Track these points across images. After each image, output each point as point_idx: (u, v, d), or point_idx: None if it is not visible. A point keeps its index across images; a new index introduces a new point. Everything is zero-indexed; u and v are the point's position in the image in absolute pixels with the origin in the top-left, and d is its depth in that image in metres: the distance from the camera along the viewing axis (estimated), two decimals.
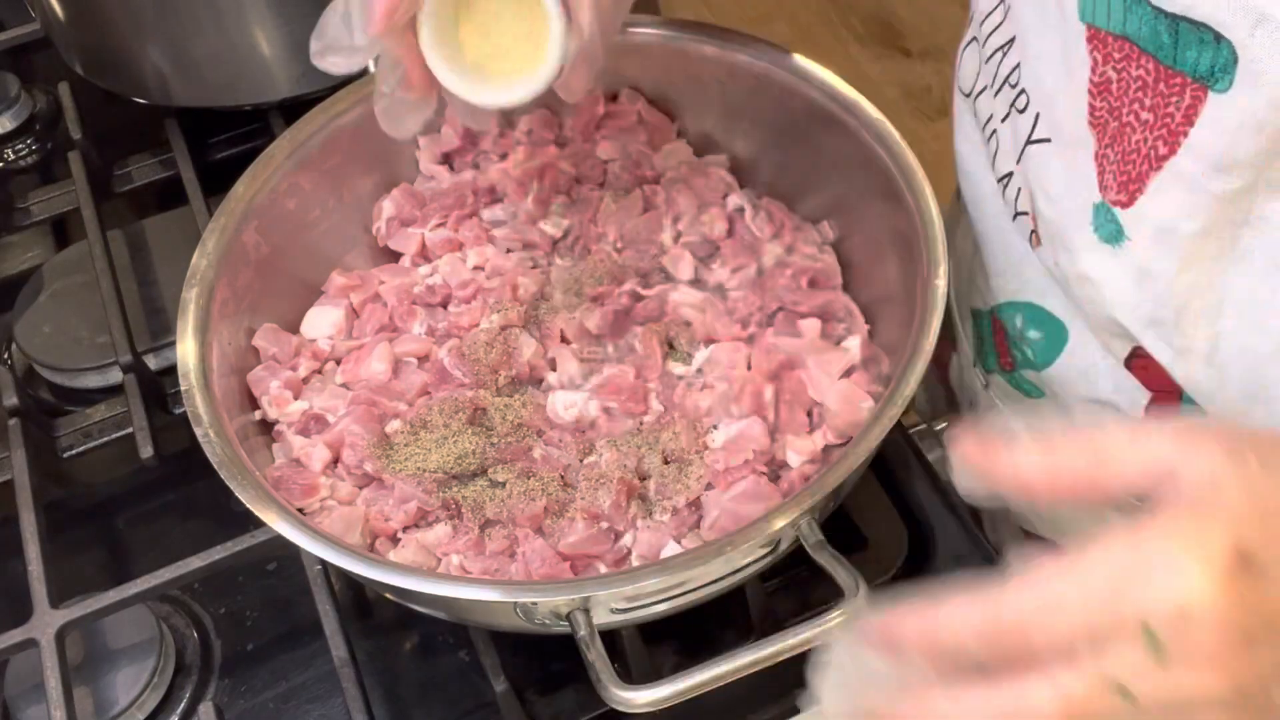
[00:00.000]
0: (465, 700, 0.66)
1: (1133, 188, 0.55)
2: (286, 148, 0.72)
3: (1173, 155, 0.53)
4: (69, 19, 0.91)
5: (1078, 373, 0.65)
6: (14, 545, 0.70)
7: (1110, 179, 0.56)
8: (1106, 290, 0.59)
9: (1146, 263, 0.56)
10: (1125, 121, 0.54)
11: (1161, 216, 0.54)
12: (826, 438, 0.64)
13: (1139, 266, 0.57)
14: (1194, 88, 0.50)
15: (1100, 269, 0.59)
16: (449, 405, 0.66)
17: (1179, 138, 0.52)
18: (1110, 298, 0.59)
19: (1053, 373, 0.67)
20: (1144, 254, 0.56)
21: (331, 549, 0.57)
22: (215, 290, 0.67)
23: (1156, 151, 0.53)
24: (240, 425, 0.65)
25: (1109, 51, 0.54)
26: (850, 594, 0.53)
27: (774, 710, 0.64)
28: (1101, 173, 0.57)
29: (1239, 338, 0.56)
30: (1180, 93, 0.51)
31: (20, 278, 0.88)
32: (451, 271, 0.73)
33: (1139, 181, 0.55)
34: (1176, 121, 0.52)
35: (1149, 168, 0.54)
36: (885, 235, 0.68)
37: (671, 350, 0.69)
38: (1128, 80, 0.53)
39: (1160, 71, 0.51)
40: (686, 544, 0.61)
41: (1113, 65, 0.54)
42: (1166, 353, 0.59)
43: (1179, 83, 0.51)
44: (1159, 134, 0.53)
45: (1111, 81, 0.54)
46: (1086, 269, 0.59)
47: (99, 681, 0.67)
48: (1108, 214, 0.57)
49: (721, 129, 0.78)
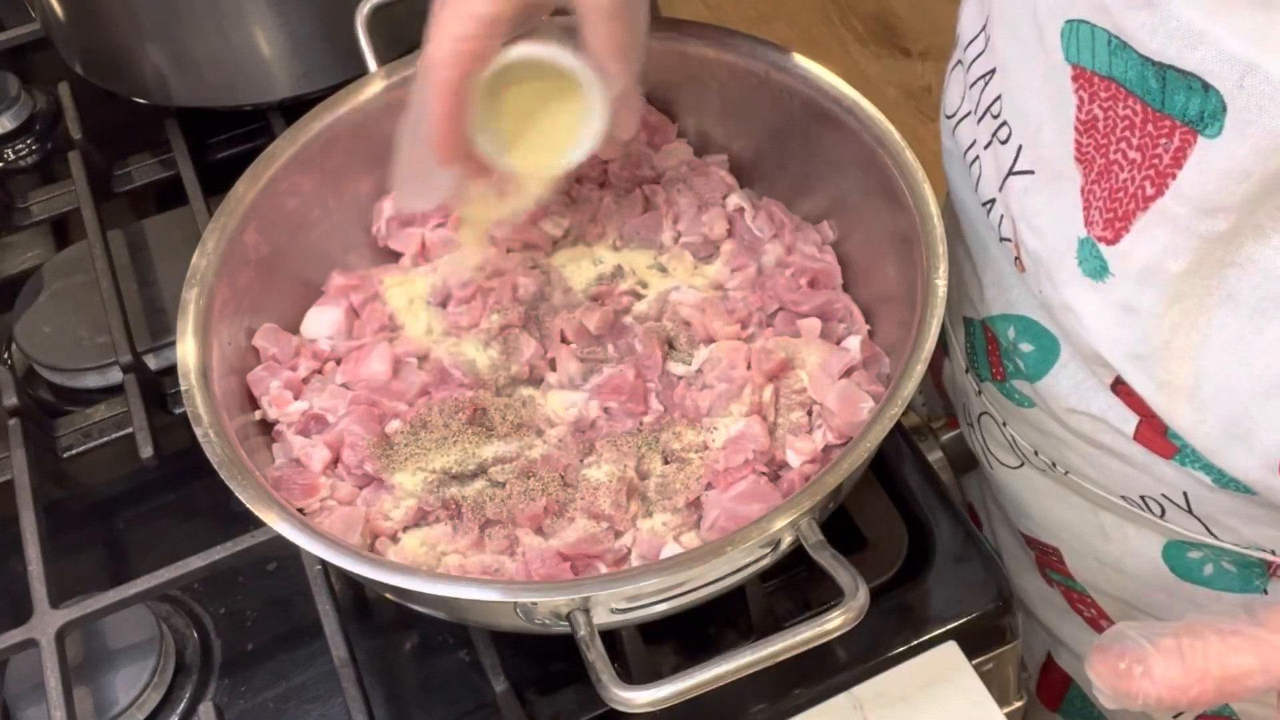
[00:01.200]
0: (465, 700, 0.66)
1: (1119, 225, 0.55)
2: (286, 148, 0.72)
3: (1160, 196, 0.52)
4: (69, 19, 0.91)
5: (1069, 388, 0.65)
6: (14, 545, 0.70)
7: (1096, 215, 0.56)
8: (1089, 322, 0.59)
9: (1130, 299, 0.56)
10: (1112, 159, 0.54)
11: (1147, 255, 0.54)
12: (826, 438, 0.64)
13: (1122, 303, 0.57)
14: (1183, 131, 0.50)
15: (1083, 302, 0.59)
16: (449, 405, 0.66)
17: (1167, 179, 0.51)
18: (1093, 330, 0.59)
19: (1044, 386, 0.67)
20: (1128, 290, 0.56)
21: (331, 549, 0.57)
22: (215, 290, 0.67)
23: (1144, 191, 0.53)
24: (240, 425, 0.65)
25: (1095, 90, 0.53)
26: (850, 594, 0.53)
27: (774, 710, 0.64)
28: (1088, 208, 0.56)
29: (1222, 376, 0.55)
30: (1169, 135, 0.50)
31: (20, 278, 0.88)
32: (451, 271, 0.73)
33: (1125, 220, 0.54)
34: (1165, 163, 0.51)
35: (1135, 207, 0.54)
36: (885, 235, 0.68)
37: (671, 350, 0.69)
38: (1114, 119, 0.53)
39: (1148, 113, 0.51)
40: (686, 544, 0.61)
41: (1099, 104, 0.54)
42: (1148, 386, 0.58)
43: (1168, 125, 0.50)
44: (1146, 174, 0.52)
45: (1098, 119, 0.54)
46: (1070, 300, 0.59)
47: (99, 681, 0.67)
48: (1092, 249, 0.57)
49: (721, 129, 0.78)
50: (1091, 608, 0.76)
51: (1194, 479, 0.61)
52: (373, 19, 0.77)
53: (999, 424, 0.74)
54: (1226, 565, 0.65)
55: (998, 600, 0.68)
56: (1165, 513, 0.65)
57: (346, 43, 0.78)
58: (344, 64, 0.85)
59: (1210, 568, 0.66)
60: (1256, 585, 0.65)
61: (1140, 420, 0.61)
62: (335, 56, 0.87)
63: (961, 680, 0.65)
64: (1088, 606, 0.76)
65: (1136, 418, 0.61)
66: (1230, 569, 0.65)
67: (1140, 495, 0.65)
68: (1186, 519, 0.64)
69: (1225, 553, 0.64)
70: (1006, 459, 0.76)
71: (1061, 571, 0.77)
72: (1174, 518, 0.65)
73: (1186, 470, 0.61)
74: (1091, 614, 0.77)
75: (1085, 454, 0.67)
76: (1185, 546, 0.66)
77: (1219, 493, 0.60)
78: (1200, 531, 0.64)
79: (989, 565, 0.69)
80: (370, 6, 0.77)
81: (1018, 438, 0.73)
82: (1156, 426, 0.60)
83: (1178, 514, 0.64)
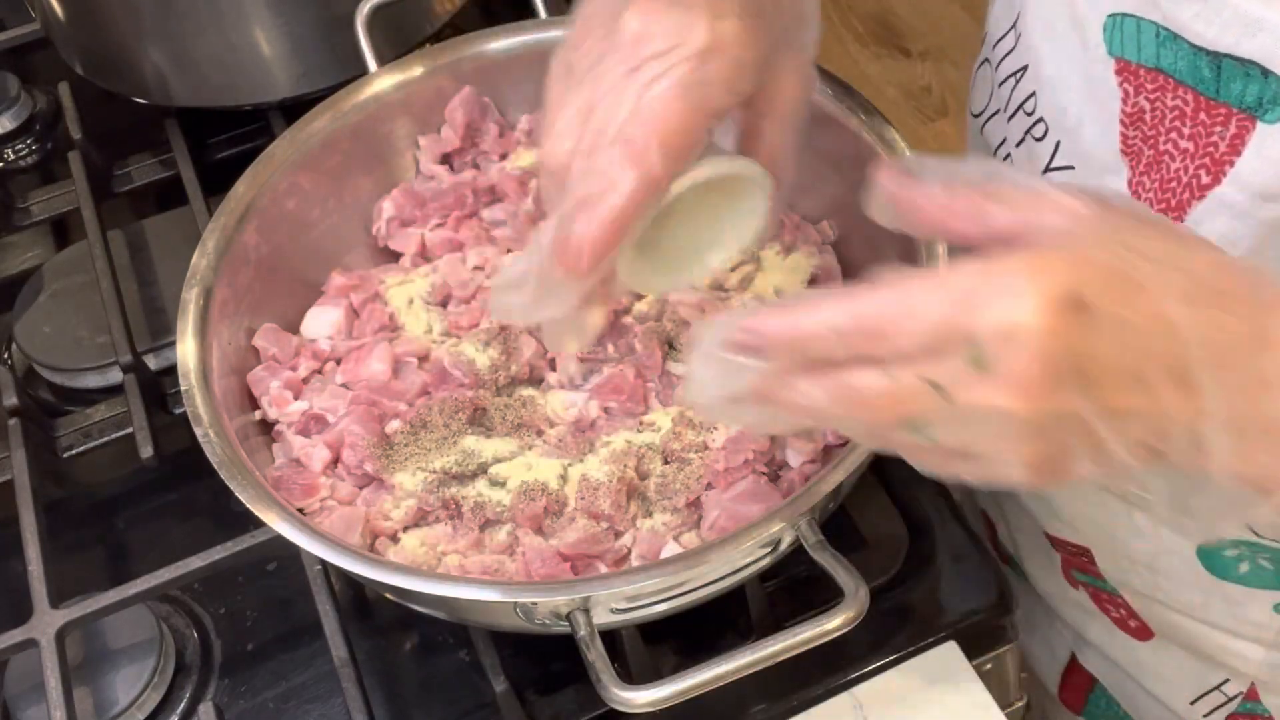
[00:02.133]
0: (465, 700, 0.66)
1: (1173, 215, 0.55)
2: (286, 148, 0.72)
3: (1217, 184, 0.52)
4: (69, 19, 0.91)
5: None
6: (14, 545, 0.70)
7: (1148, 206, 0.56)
8: None
9: None
10: (1163, 150, 0.54)
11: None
12: (826, 438, 0.64)
13: None
14: (1240, 118, 0.50)
15: None
16: (449, 405, 0.66)
17: (1224, 166, 0.52)
18: None
19: None
20: None
21: (331, 549, 0.57)
22: (215, 290, 0.67)
23: (1199, 180, 0.53)
24: (240, 425, 0.65)
25: (1141, 83, 0.54)
26: (850, 594, 0.53)
27: (774, 710, 0.64)
28: (1137, 199, 0.56)
29: None
30: (1225, 123, 0.51)
31: (20, 278, 0.88)
32: (451, 271, 0.73)
33: (1179, 210, 0.54)
34: (1221, 151, 0.51)
35: (1191, 196, 0.54)
36: (885, 235, 0.68)
37: (671, 350, 0.69)
38: (1163, 110, 0.53)
39: (1201, 102, 0.51)
40: (686, 544, 0.61)
41: (1145, 96, 0.54)
42: None
43: (1223, 113, 0.50)
44: (1201, 163, 0.52)
45: (1145, 111, 0.54)
46: None
47: (99, 681, 0.67)
48: None
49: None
50: (1121, 608, 0.76)
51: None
52: (373, 19, 0.77)
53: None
54: (1263, 562, 0.65)
55: (998, 600, 0.68)
56: None
57: (346, 43, 0.78)
58: (344, 64, 0.85)
59: (1246, 565, 0.65)
60: None
61: None
62: (335, 56, 0.87)
63: (961, 680, 0.65)
64: (1117, 607, 0.76)
65: None
66: (1266, 566, 0.65)
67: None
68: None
69: (1262, 549, 0.64)
70: None
71: (1091, 572, 0.76)
72: None
73: None
74: (1120, 614, 0.76)
75: None
76: (1222, 544, 0.66)
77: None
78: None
79: (989, 565, 0.69)
80: (370, 6, 0.77)
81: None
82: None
83: None
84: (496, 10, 1.02)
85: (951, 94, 2.15)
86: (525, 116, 0.79)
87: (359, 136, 0.75)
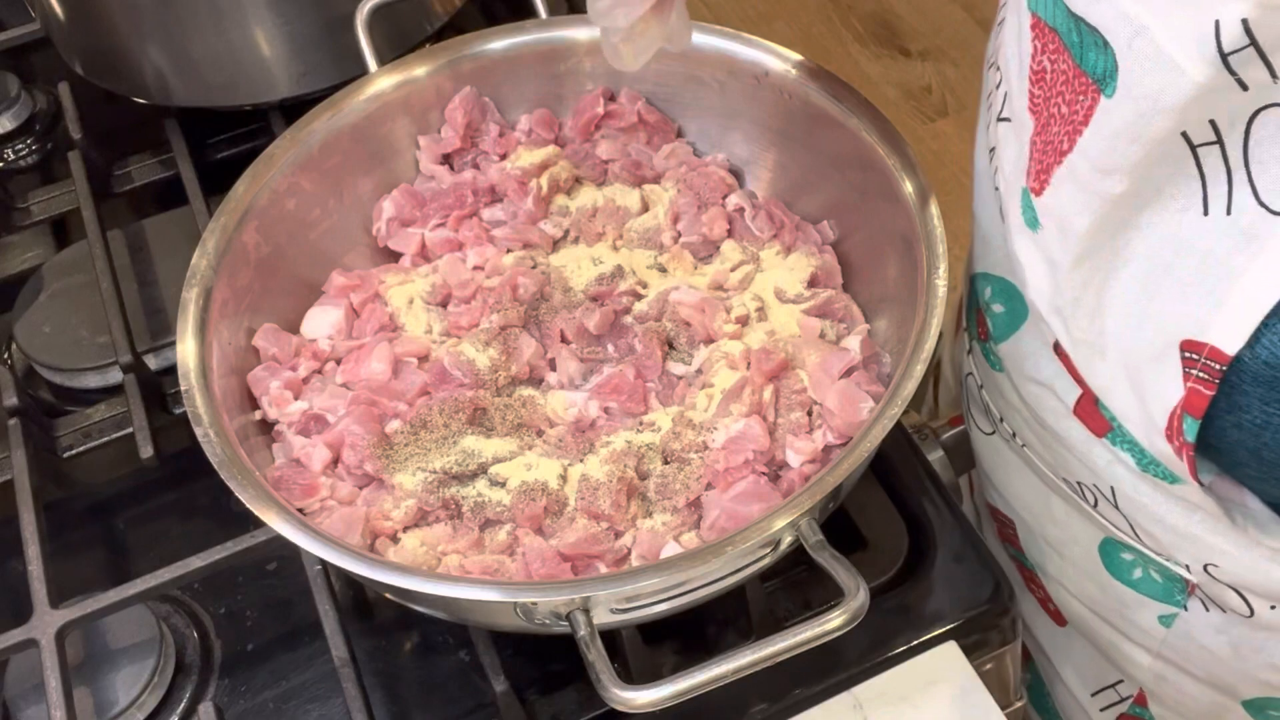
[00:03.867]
0: (465, 700, 0.66)
1: (1043, 178, 0.56)
2: (286, 148, 0.72)
3: (1070, 152, 0.53)
4: (69, 19, 0.91)
5: (1025, 353, 0.66)
6: (14, 545, 0.70)
7: (1033, 166, 0.57)
8: (1026, 273, 0.60)
9: (1051, 252, 0.57)
10: (1051, 113, 0.55)
11: (1059, 210, 0.55)
12: (826, 438, 0.65)
13: (1046, 255, 0.58)
14: (1093, 89, 0.50)
15: (1024, 251, 0.60)
16: (449, 405, 0.66)
17: (1076, 136, 0.52)
18: (1028, 281, 0.60)
19: (1007, 348, 0.67)
20: (1050, 243, 0.57)
21: (331, 549, 0.57)
22: (215, 290, 0.67)
23: (1061, 146, 0.54)
24: (240, 425, 0.65)
25: (1045, 41, 0.54)
26: (850, 594, 0.53)
27: (774, 710, 0.64)
28: (1030, 159, 0.57)
29: (1121, 338, 0.56)
30: (1085, 91, 0.51)
31: (20, 278, 0.88)
32: (451, 271, 0.73)
33: (1046, 174, 0.55)
34: (1078, 119, 0.52)
35: (1053, 160, 0.55)
36: (885, 235, 0.68)
37: (671, 350, 0.69)
38: (1056, 72, 0.54)
39: (1073, 68, 0.52)
40: (686, 544, 0.61)
41: (1047, 55, 0.54)
42: (1068, 341, 0.59)
43: (1084, 82, 0.51)
44: (1065, 129, 0.53)
45: (1046, 71, 0.55)
46: (1015, 249, 0.61)
47: (99, 681, 0.67)
48: (1027, 200, 0.58)
49: (721, 129, 0.78)
50: (1041, 589, 0.77)
51: (1121, 463, 0.61)
52: (373, 19, 0.77)
53: (978, 386, 0.74)
54: (1154, 573, 0.65)
55: (998, 600, 0.68)
56: (1097, 503, 0.65)
57: (346, 43, 0.78)
58: (344, 64, 0.85)
59: (1139, 572, 0.66)
60: (1178, 600, 0.65)
61: (1081, 393, 0.62)
62: (335, 56, 0.87)
63: (961, 680, 0.65)
64: (1037, 587, 0.77)
65: (1079, 390, 0.62)
66: (1156, 578, 0.65)
67: (1078, 481, 0.66)
68: (1114, 514, 0.65)
69: (1151, 560, 0.65)
70: (982, 424, 0.76)
71: (1015, 545, 0.77)
72: (1104, 510, 0.65)
73: (1116, 451, 0.61)
74: (1041, 595, 0.77)
75: (1035, 431, 0.67)
76: (1120, 547, 0.67)
77: (1142, 481, 0.61)
78: (1127, 531, 0.64)
79: (989, 565, 0.69)
80: (370, 6, 0.77)
81: (990, 403, 0.73)
82: (1093, 397, 0.61)
83: (1107, 507, 0.65)
84: (496, 10, 1.02)
85: (951, 94, 2.15)
86: (525, 116, 0.79)
87: (359, 136, 0.75)
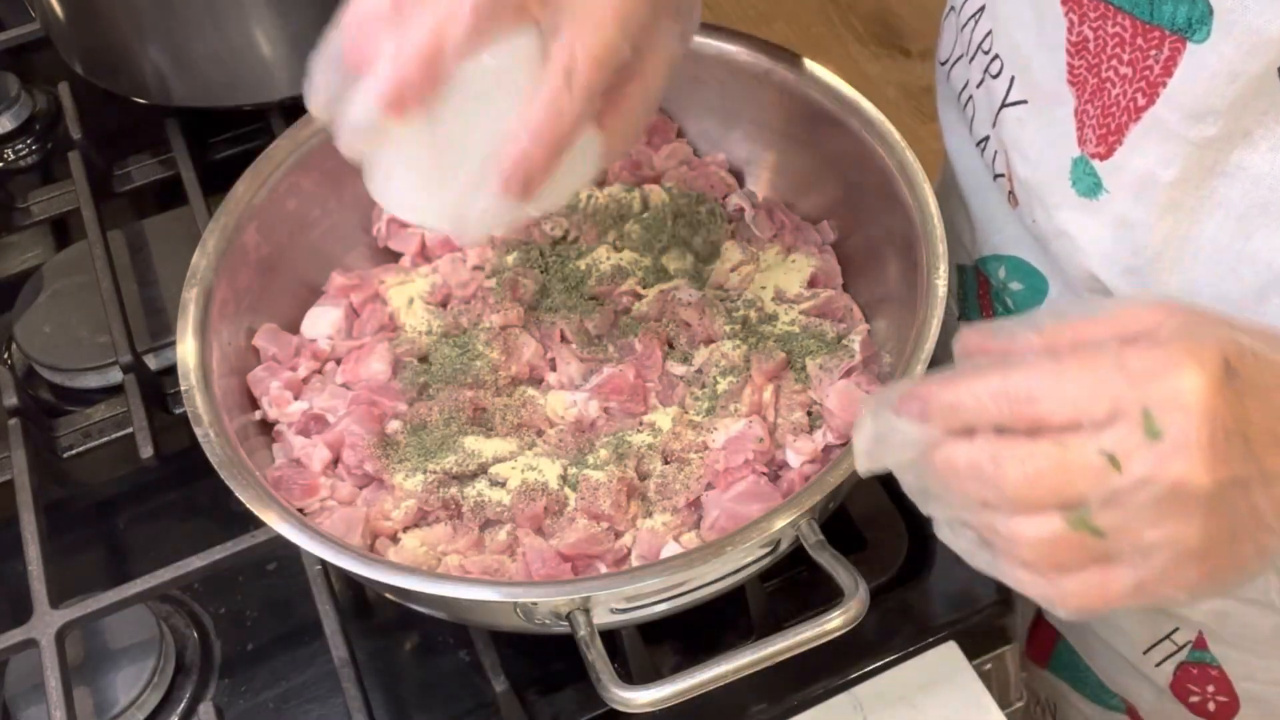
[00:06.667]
0: (465, 700, 0.66)
1: (1111, 140, 0.57)
2: (286, 148, 0.72)
3: (1151, 105, 0.55)
4: (69, 19, 0.91)
5: None
6: (14, 545, 0.70)
7: (1090, 133, 0.58)
8: (1084, 243, 0.61)
9: (1125, 213, 0.58)
10: (1104, 77, 0.56)
11: (1140, 166, 0.56)
12: (826, 438, 0.65)
13: (1117, 217, 0.59)
14: (1172, 40, 0.52)
15: (1077, 224, 0.61)
16: (449, 405, 0.66)
17: (1158, 88, 0.54)
18: (1088, 250, 0.61)
19: None
20: (1122, 204, 0.58)
21: (331, 549, 0.57)
22: (215, 290, 0.67)
23: (1135, 103, 0.55)
24: (240, 425, 0.65)
25: (1084, 12, 0.56)
26: (850, 594, 0.53)
27: (774, 710, 0.64)
28: (1081, 128, 0.59)
29: (1212, 285, 0.57)
30: (1159, 45, 0.53)
31: (20, 278, 0.88)
32: (451, 271, 0.73)
33: (1118, 134, 0.57)
34: (1155, 73, 0.54)
35: (1128, 119, 0.56)
36: (885, 235, 0.68)
37: (671, 350, 0.69)
38: (1104, 37, 0.56)
39: (1138, 27, 0.54)
40: (686, 544, 0.61)
41: (1089, 25, 0.56)
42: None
43: (1157, 36, 0.53)
44: (1138, 86, 0.55)
45: (1089, 40, 0.56)
46: (1064, 224, 0.61)
47: (99, 681, 0.67)
48: (1086, 167, 0.59)
49: (721, 129, 0.78)
50: None
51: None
52: None
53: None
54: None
55: (998, 600, 0.68)
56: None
57: None
58: None
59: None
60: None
61: None
62: None
63: (961, 680, 0.65)
64: None
65: None
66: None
67: None
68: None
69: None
70: None
71: None
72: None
73: None
74: None
75: None
76: None
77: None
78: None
79: None
80: None
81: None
82: None
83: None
84: None
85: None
86: None
87: None
